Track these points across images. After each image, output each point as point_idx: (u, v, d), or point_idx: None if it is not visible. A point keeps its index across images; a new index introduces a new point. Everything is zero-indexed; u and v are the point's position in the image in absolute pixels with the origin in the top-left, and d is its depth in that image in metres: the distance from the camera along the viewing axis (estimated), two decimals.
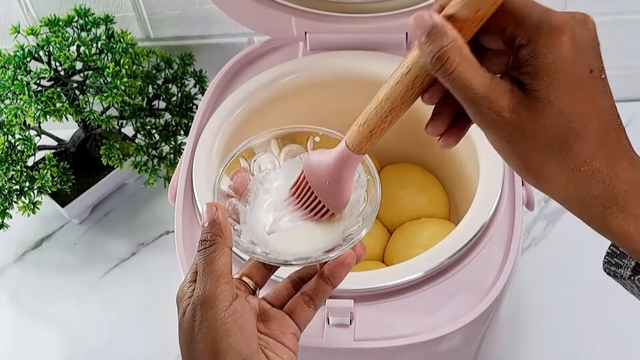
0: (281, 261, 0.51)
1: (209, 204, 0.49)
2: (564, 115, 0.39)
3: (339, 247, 0.51)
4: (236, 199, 0.54)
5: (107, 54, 0.90)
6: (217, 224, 0.48)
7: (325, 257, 0.50)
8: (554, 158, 0.40)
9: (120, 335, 0.92)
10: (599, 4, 0.98)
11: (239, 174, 0.54)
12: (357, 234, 0.51)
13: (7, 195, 0.90)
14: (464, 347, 0.69)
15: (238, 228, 0.52)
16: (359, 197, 0.54)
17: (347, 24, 0.81)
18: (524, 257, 0.95)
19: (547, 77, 0.38)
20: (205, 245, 0.48)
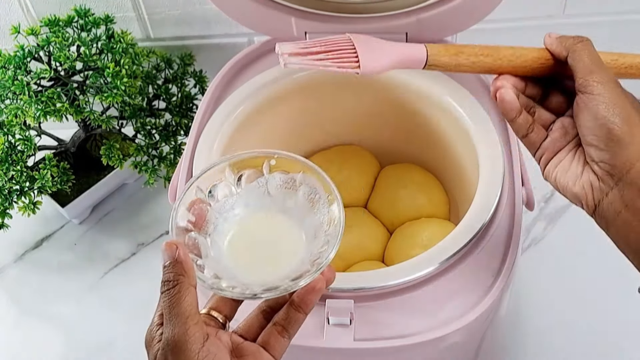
0: (249, 295, 0.49)
1: (168, 243, 0.48)
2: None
3: (307, 272, 0.49)
4: (196, 232, 0.52)
5: (107, 54, 0.90)
6: (179, 262, 0.47)
7: (294, 285, 0.49)
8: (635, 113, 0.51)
9: (120, 335, 0.92)
10: (599, 5, 0.98)
11: (196, 205, 0.52)
12: (324, 258, 0.49)
13: (7, 195, 0.90)
14: (464, 347, 0.69)
15: (201, 263, 0.50)
16: (322, 219, 0.52)
17: (347, 24, 0.81)
18: (524, 257, 0.95)
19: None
20: (169, 286, 0.47)
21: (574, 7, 0.97)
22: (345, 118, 0.88)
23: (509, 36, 0.97)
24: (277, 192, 0.54)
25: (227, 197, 0.54)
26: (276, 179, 0.54)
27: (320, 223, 0.52)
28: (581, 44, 0.55)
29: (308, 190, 0.54)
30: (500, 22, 0.97)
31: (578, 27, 1.00)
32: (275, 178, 0.54)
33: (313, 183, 0.53)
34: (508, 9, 0.87)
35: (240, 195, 0.54)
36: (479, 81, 0.80)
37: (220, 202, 0.54)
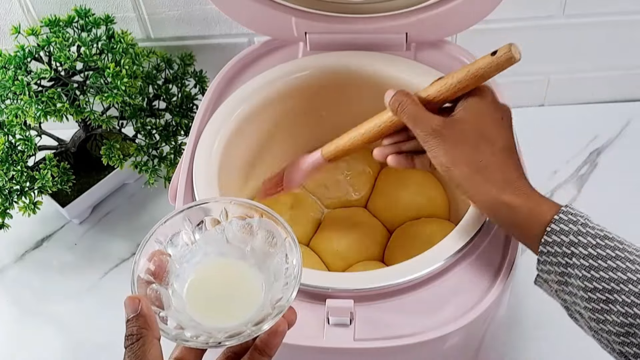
0: (213, 343, 0.49)
1: (130, 297, 0.48)
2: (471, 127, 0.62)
3: (269, 316, 0.50)
4: (157, 283, 0.52)
5: (108, 55, 0.90)
6: (142, 316, 0.47)
7: (257, 330, 0.49)
8: (467, 154, 0.61)
9: (120, 335, 0.91)
10: (599, 5, 0.98)
11: (156, 257, 0.52)
12: (285, 301, 0.50)
13: (7, 195, 0.90)
14: (464, 347, 0.69)
15: (163, 315, 0.50)
16: (281, 261, 0.53)
17: (347, 24, 0.81)
18: (524, 257, 0.95)
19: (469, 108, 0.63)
20: (133, 340, 0.47)
21: (574, 7, 0.97)
22: (345, 118, 0.87)
23: (509, 36, 0.97)
24: (235, 238, 0.55)
25: (186, 246, 0.54)
26: (233, 226, 0.55)
27: (280, 266, 0.53)
28: (400, 106, 0.65)
29: (266, 234, 0.55)
30: (500, 22, 0.97)
31: (578, 27, 1.00)
32: (232, 225, 0.55)
33: (270, 227, 0.54)
34: (508, 9, 0.87)
35: (199, 243, 0.55)
36: None
37: (179, 251, 0.54)
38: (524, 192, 0.59)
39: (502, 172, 0.60)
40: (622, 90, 1.11)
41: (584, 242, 0.56)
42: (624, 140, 1.07)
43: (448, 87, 0.63)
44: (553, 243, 0.57)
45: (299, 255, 0.52)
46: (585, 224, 0.56)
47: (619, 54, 1.05)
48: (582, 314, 0.58)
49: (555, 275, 0.58)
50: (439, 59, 0.82)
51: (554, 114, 1.11)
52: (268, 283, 0.53)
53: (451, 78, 0.63)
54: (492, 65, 0.61)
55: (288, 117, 0.85)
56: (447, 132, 0.62)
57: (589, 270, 0.55)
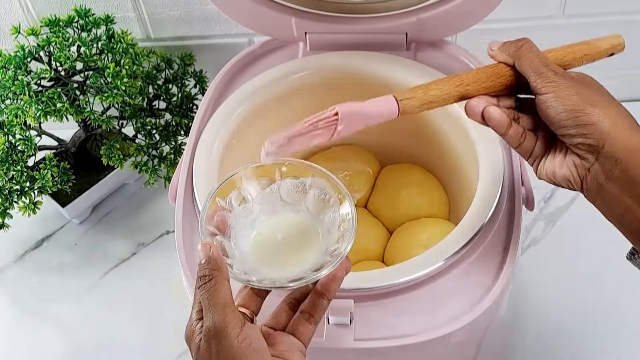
0: (278, 284, 0.53)
1: (203, 243, 0.52)
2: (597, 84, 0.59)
3: (328, 263, 0.54)
4: (220, 236, 0.56)
5: (108, 55, 0.90)
6: (214, 259, 0.51)
7: (317, 275, 0.53)
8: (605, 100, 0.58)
9: (120, 335, 0.92)
10: (599, 5, 0.98)
11: (218, 212, 0.56)
12: (342, 249, 0.54)
13: (7, 195, 0.90)
14: (464, 347, 0.69)
15: (230, 262, 0.54)
16: (335, 216, 0.57)
17: (347, 24, 0.81)
18: (524, 257, 0.95)
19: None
20: (205, 281, 0.51)
21: (574, 7, 0.97)
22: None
23: (509, 36, 0.96)
24: (289, 196, 0.59)
25: (245, 203, 0.58)
26: (287, 184, 0.59)
27: (334, 220, 0.57)
28: (523, 49, 0.58)
29: (318, 192, 0.58)
30: (500, 22, 0.97)
31: (578, 27, 1.00)
32: (286, 183, 0.59)
33: (322, 185, 0.58)
34: (508, 9, 0.87)
35: (255, 201, 0.58)
36: None
37: (238, 208, 0.58)
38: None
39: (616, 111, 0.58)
40: (622, 90, 1.10)
41: None
42: None
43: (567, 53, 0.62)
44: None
45: (353, 208, 0.55)
46: None
47: (619, 54, 1.05)
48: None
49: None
50: (439, 59, 0.82)
51: None
52: (323, 234, 0.57)
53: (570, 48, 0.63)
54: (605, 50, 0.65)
55: (288, 117, 0.84)
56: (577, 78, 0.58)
57: None
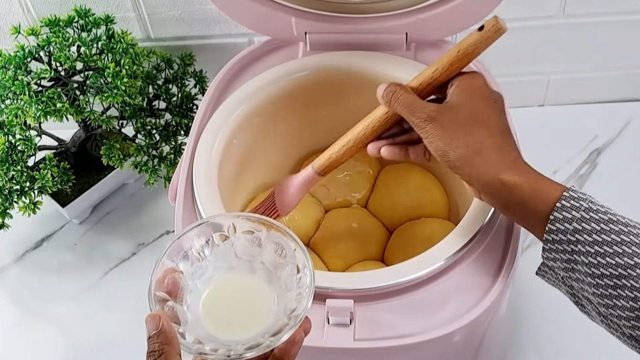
0: (234, 356, 0.50)
1: (151, 315, 0.50)
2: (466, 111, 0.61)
3: (286, 326, 0.51)
4: (172, 301, 0.53)
5: (108, 55, 0.90)
6: (163, 332, 0.49)
7: (276, 340, 0.50)
8: (464, 137, 0.60)
9: (120, 335, 0.92)
10: (599, 5, 0.98)
11: (169, 275, 0.54)
12: (301, 310, 0.51)
13: (7, 195, 0.90)
14: (464, 346, 0.69)
15: (181, 331, 0.52)
16: (291, 271, 0.54)
17: (347, 24, 0.81)
18: (524, 257, 0.95)
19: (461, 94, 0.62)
20: (155, 357, 0.49)
21: (574, 7, 0.97)
22: (346, 118, 0.87)
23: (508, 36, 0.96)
24: (244, 252, 0.56)
25: (197, 262, 0.55)
26: (242, 240, 0.56)
27: (291, 275, 0.54)
28: (393, 97, 0.64)
29: (274, 247, 0.56)
30: None
31: (578, 27, 1.00)
32: (240, 239, 0.56)
33: (278, 239, 0.55)
34: (508, 9, 0.86)
35: (209, 259, 0.56)
36: None
37: (191, 268, 0.55)
38: (524, 170, 0.59)
39: (500, 153, 0.60)
40: (622, 90, 1.11)
41: (589, 229, 0.55)
42: (624, 140, 1.07)
43: (439, 71, 0.63)
44: (557, 231, 0.56)
45: (310, 265, 0.53)
46: (589, 208, 0.56)
47: (619, 54, 1.05)
48: (590, 299, 0.58)
49: (562, 262, 0.58)
50: None
51: (554, 114, 1.11)
52: (280, 293, 0.54)
53: (441, 61, 0.63)
54: (482, 40, 0.61)
55: (288, 117, 0.85)
56: (442, 118, 0.61)
57: (596, 257, 0.55)
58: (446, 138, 0.61)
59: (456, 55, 0.62)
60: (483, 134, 0.60)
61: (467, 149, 0.60)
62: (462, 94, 0.62)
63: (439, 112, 0.61)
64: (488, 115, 0.61)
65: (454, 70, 0.63)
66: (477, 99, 0.62)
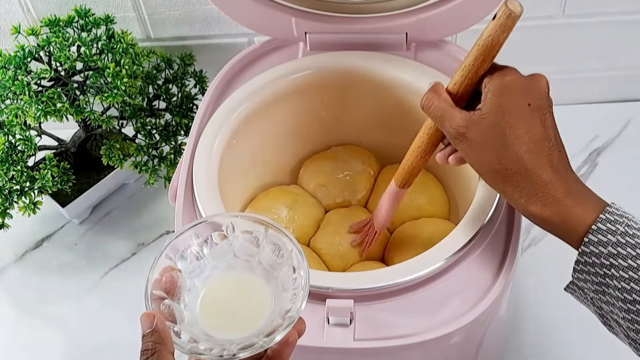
0: (227, 356, 0.50)
1: (146, 313, 0.50)
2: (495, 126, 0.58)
3: (280, 327, 0.51)
4: (169, 299, 0.53)
5: (108, 54, 0.90)
6: (156, 332, 0.49)
7: (269, 341, 0.50)
8: (493, 161, 0.58)
9: (120, 335, 0.92)
10: (599, 5, 0.98)
11: (166, 274, 0.54)
12: (295, 312, 0.51)
13: (7, 195, 0.90)
14: (464, 347, 0.69)
15: (177, 329, 0.52)
16: (288, 272, 0.54)
17: (347, 24, 0.81)
18: (524, 257, 0.95)
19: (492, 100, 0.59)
20: (148, 355, 0.49)
21: (574, 7, 0.97)
22: (346, 118, 0.88)
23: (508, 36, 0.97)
24: (243, 251, 0.56)
25: (196, 261, 0.56)
26: (240, 240, 0.56)
27: (288, 277, 0.54)
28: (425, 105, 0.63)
29: (272, 247, 0.56)
30: None
31: (578, 27, 1.00)
32: (239, 238, 0.56)
33: (276, 239, 0.55)
34: None
35: (207, 259, 0.56)
36: None
37: (189, 266, 0.55)
38: (555, 198, 0.56)
39: (530, 179, 0.56)
40: (622, 90, 1.11)
41: (624, 254, 0.53)
42: (624, 140, 1.07)
43: (467, 68, 0.60)
44: (590, 254, 0.55)
45: (306, 266, 0.53)
46: (625, 232, 0.53)
47: (619, 54, 1.05)
48: (619, 323, 0.56)
49: (593, 285, 0.56)
50: (439, 59, 0.82)
51: (554, 114, 1.11)
52: (276, 294, 0.54)
53: (466, 59, 0.61)
54: (496, 28, 0.58)
55: (288, 117, 0.85)
56: (471, 135, 0.59)
57: (629, 282, 0.53)
58: (476, 161, 0.59)
59: (477, 49, 0.60)
60: (511, 157, 0.57)
61: (496, 175, 0.58)
62: (493, 99, 0.58)
63: (467, 126, 0.59)
64: (521, 127, 0.57)
65: (481, 65, 0.60)
66: (509, 107, 0.58)
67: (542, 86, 0.60)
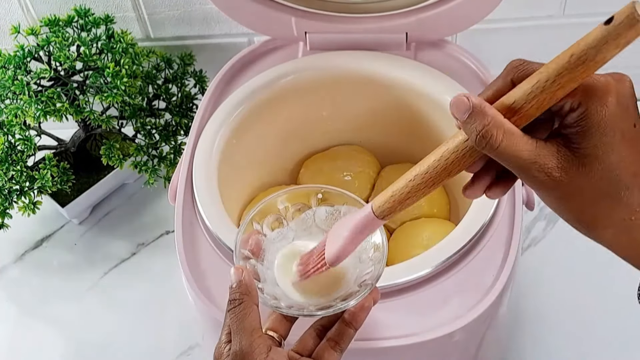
0: (306, 312, 0.54)
1: (236, 267, 0.53)
2: (612, 168, 0.42)
3: (357, 293, 0.54)
4: (254, 259, 0.57)
5: (107, 54, 0.90)
6: (244, 284, 0.52)
7: (345, 305, 0.53)
8: (606, 210, 0.43)
9: (120, 335, 0.92)
10: (599, 5, 0.98)
11: (253, 236, 0.57)
12: (371, 279, 0.55)
13: (7, 195, 0.90)
14: (464, 347, 0.69)
15: (260, 286, 0.55)
16: (366, 245, 0.57)
17: (347, 24, 0.81)
18: (524, 257, 0.95)
19: (596, 134, 0.41)
20: (235, 304, 0.52)
21: (574, 7, 0.97)
22: (346, 118, 0.88)
23: (509, 36, 0.97)
24: (324, 223, 0.59)
25: (280, 228, 0.59)
26: (322, 212, 0.59)
27: (364, 248, 0.57)
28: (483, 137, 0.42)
29: None
30: (500, 22, 0.97)
31: (578, 27, 1.00)
32: (321, 210, 0.59)
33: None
34: (508, 9, 0.87)
35: (290, 227, 0.59)
36: (478, 80, 0.80)
37: (273, 233, 0.59)
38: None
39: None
40: None
41: None
42: None
43: (543, 86, 0.41)
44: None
45: (384, 238, 0.56)
46: None
47: (619, 54, 1.05)
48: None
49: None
50: (439, 59, 0.82)
51: None
52: (353, 263, 0.57)
53: (546, 71, 0.42)
54: (608, 38, 0.39)
55: (288, 117, 0.85)
56: (572, 183, 0.42)
57: None
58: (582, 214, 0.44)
59: (567, 62, 0.41)
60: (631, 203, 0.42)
61: (609, 230, 0.44)
62: (595, 133, 0.41)
63: (563, 168, 0.42)
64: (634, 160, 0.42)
65: (566, 85, 0.41)
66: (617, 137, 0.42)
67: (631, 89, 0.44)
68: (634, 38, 0.39)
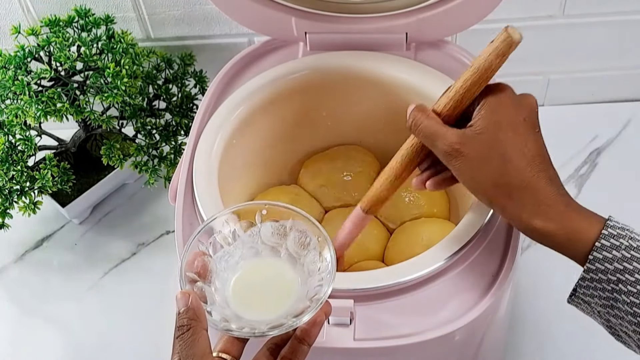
0: (258, 334, 0.53)
1: (182, 292, 0.52)
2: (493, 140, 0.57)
3: (308, 308, 0.53)
4: (201, 282, 0.56)
5: (108, 54, 0.90)
6: (192, 309, 0.51)
7: (297, 321, 0.53)
8: (492, 176, 0.57)
9: (120, 335, 0.92)
10: (599, 5, 0.98)
11: (199, 258, 0.56)
12: (322, 294, 0.54)
13: (7, 195, 0.90)
14: (464, 347, 0.69)
15: (209, 309, 0.54)
16: (314, 258, 0.57)
17: (347, 24, 0.81)
18: (524, 257, 0.95)
19: (490, 115, 0.58)
20: (183, 331, 0.51)
21: (574, 7, 0.97)
22: (346, 118, 0.88)
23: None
24: (270, 239, 0.59)
25: (225, 247, 0.58)
26: (268, 228, 0.59)
27: (313, 262, 0.57)
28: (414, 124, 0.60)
29: (298, 235, 0.58)
30: (500, 22, 0.96)
31: (578, 27, 1.00)
32: (267, 226, 0.59)
33: (302, 228, 0.58)
34: (508, 9, 0.87)
35: (236, 245, 0.59)
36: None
37: (219, 252, 0.58)
38: (557, 212, 0.55)
39: (531, 192, 0.56)
40: (622, 90, 1.11)
41: (631, 269, 0.53)
42: (624, 140, 1.07)
43: (457, 90, 0.59)
44: (597, 270, 0.54)
45: (332, 252, 0.56)
46: (629, 246, 0.53)
47: (619, 54, 1.05)
48: (630, 335, 0.56)
49: (600, 299, 0.56)
50: (439, 59, 0.82)
51: (554, 114, 1.11)
52: (303, 278, 0.57)
53: (458, 81, 0.59)
54: (492, 53, 0.57)
55: (288, 117, 0.85)
56: (466, 150, 0.57)
57: (638, 297, 0.53)
58: (473, 177, 0.58)
59: (470, 73, 0.58)
60: (512, 170, 0.56)
61: (495, 190, 0.57)
62: (489, 113, 0.58)
63: (462, 142, 0.57)
64: (517, 142, 0.57)
65: (472, 88, 0.58)
66: (505, 122, 0.57)
67: (534, 104, 0.59)
68: (510, 51, 0.57)
